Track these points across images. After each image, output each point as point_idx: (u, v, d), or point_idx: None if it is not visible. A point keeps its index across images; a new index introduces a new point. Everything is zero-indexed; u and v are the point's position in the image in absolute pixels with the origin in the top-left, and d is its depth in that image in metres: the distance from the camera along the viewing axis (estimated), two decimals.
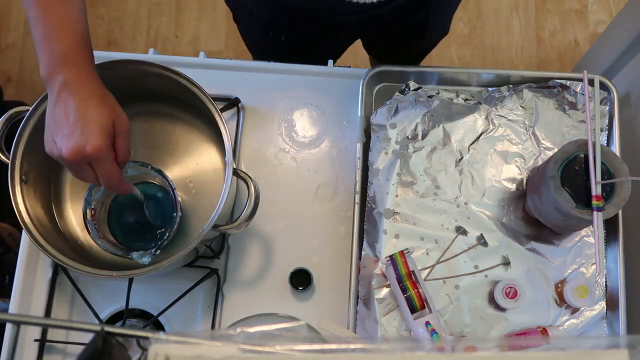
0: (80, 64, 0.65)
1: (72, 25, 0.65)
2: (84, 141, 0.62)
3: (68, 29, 0.65)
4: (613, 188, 0.73)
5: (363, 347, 0.39)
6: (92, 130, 0.63)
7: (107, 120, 0.64)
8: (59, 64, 0.64)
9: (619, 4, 1.90)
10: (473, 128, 0.86)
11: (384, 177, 0.84)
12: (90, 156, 0.63)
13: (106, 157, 0.64)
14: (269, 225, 0.87)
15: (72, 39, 0.65)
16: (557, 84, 0.87)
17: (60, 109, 0.64)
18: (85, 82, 0.65)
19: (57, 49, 0.64)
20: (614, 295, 0.80)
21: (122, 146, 0.67)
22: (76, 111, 0.63)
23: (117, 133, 0.66)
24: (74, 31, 0.65)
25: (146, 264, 0.74)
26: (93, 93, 0.65)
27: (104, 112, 0.64)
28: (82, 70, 0.65)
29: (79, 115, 0.63)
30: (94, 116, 0.63)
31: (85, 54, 0.66)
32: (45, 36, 0.64)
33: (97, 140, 0.63)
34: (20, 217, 0.75)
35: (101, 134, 0.63)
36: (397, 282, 0.76)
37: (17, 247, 0.87)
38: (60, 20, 0.64)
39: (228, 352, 0.38)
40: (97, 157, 0.63)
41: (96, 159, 0.64)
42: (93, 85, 0.66)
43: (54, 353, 0.83)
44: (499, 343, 0.55)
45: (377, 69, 0.88)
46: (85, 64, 0.66)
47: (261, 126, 0.91)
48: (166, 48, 1.89)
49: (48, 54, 0.64)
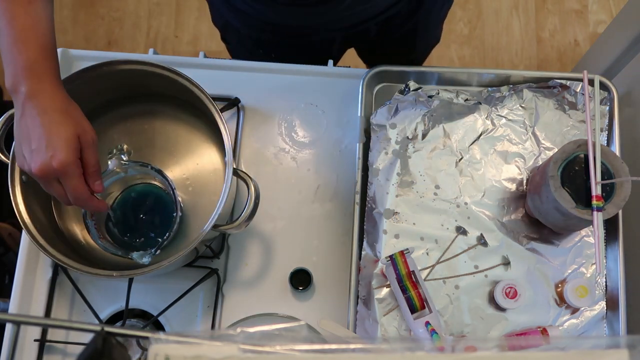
0: (44, 75, 0.64)
1: (36, 36, 0.64)
2: (49, 156, 0.62)
3: (32, 41, 0.64)
4: (613, 188, 0.73)
5: (363, 347, 0.39)
6: (57, 145, 0.62)
7: (71, 134, 0.63)
8: (22, 76, 0.63)
9: (619, 4, 1.91)
10: (473, 128, 0.86)
11: (384, 177, 0.84)
12: (56, 171, 0.62)
13: (73, 172, 0.63)
14: (269, 225, 0.87)
15: (36, 50, 0.64)
16: (557, 84, 0.87)
17: (24, 123, 0.63)
18: (48, 94, 0.64)
19: (21, 60, 0.63)
20: (614, 295, 0.80)
21: (89, 158, 0.66)
22: (40, 126, 0.62)
23: (84, 146, 0.65)
24: (38, 42, 0.64)
25: (146, 264, 0.74)
26: (56, 107, 0.64)
27: (68, 126, 0.63)
28: (45, 82, 0.64)
29: (43, 129, 0.62)
30: (59, 131, 0.63)
31: (49, 64, 0.65)
32: (9, 47, 0.63)
33: (62, 155, 0.62)
34: (20, 217, 0.75)
35: (66, 149, 0.62)
36: (397, 282, 0.76)
37: (17, 247, 0.87)
38: (25, 32, 0.63)
39: (228, 352, 0.38)
40: (63, 172, 0.63)
41: (62, 174, 0.63)
42: (57, 97, 0.65)
43: (54, 353, 0.83)
44: (499, 343, 0.55)
45: (377, 69, 0.88)
46: (49, 76, 0.65)
47: (261, 126, 0.91)
48: (166, 48, 1.89)
49: (12, 66, 0.63)
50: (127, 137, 0.85)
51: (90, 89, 0.79)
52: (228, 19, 0.96)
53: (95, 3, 1.91)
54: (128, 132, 0.86)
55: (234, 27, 0.96)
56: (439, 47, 1.18)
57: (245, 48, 1.01)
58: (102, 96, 0.83)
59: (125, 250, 0.78)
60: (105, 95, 0.84)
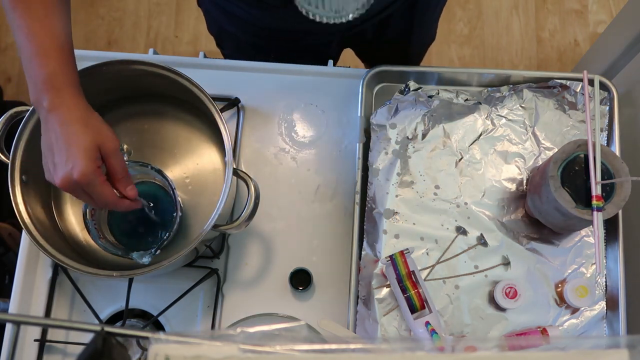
0: (64, 87, 0.65)
1: (54, 49, 0.64)
2: (70, 168, 0.63)
3: (50, 54, 0.64)
4: (613, 188, 0.73)
5: (363, 347, 0.39)
6: (76, 156, 0.63)
7: (91, 144, 0.64)
8: (42, 90, 0.64)
9: (619, 4, 1.91)
10: (473, 128, 0.86)
11: (384, 177, 0.84)
12: (78, 183, 0.63)
13: (94, 181, 0.64)
14: (269, 225, 0.87)
15: (54, 64, 0.64)
16: (557, 84, 0.87)
17: (48, 136, 0.65)
18: (67, 107, 0.65)
19: (40, 74, 0.64)
20: (614, 295, 0.80)
21: (115, 166, 0.67)
22: (60, 138, 0.63)
23: (106, 155, 0.66)
24: (56, 55, 0.65)
25: (146, 264, 0.74)
26: (77, 118, 0.65)
27: (87, 135, 0.64)
28: (65, 94, 0.65)
29: (62, 142, 0.63)
30: (78, 142, 0.63)
31: (68, 76, 0.65)
32: (29, 62, 0.64)
33: (81, 166, 0.62)
34: (20, 217, 0.75)
35: (85, 160, 0.63)
36: (397, 282, 0.76)
37: (17, 247, 0.87)
38: (43, 46, 0.64)
39: (228, 352, 0.38)
40: (84, 182, 0.63)
41: (85, 184, 0.64)
42: (76, 109, 0.65)
43: (54, 353, 0.83)
44: (499, 343, 0.55)
45: (377, 69, 0.88)
46: (69, 87, 0.65)
47: (261, 126, 0.91)
48: (166, 48, 1.89)
49: (33, 80, 0.64)
50: (127, 137, 0.86)
51: (90, 89, 0.79)
52: (223, 25, 0.96)
53: (95, 3, 1.91)
54: (128, 132, 0.86)
55: (230, 32, 0.96)
56: (439, 46, 1.18)
57: (242, 53, 1.01)
58: (101, 96, 0.83)
59: (125, 250, 0.78)
60: (105, 95, 0.83)
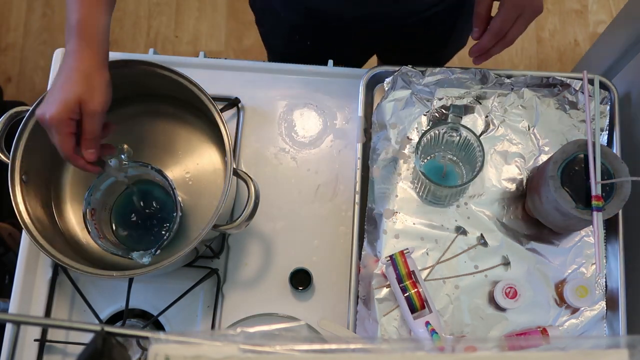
0: (86, 37, 0.67)
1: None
2: (45, 109, 0.66)
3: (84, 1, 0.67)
4: (613, 188, 0.73)
5: (363, 347, 0.39)
6: (55, 101, 0.65)
7: (73, 97, 0.66)
8: (69, 33, 0.68)
9: (619, 4, 1.90)
10: (473, 128, 0.86)
11: (383, 177, 0.84)
12: (45, 123, 0.66)
13: (59, 129, 0.66)
14: (269, 225, 0.87)
15: (85, 11, 0.67)
16: (558, 82, 0.86)
17: (57, 75, 0.68)
18: (81, 55, 0.67)
19: (71, 19, 0.67)
20: (614, 295, 0.80)
21: (86, 126, 0.68)
22: (59, 80, 0.67)
23: (83, 113, 0.67)
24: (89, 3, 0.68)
25: (146, 264, 0.74)
26: (80, 69, 0.67)
27: (74, 88, 0.66)
28: (83, 43, 0.67)
29: (58, 84, 0.67)
30: (64, 89, 0.66)
31: (93, 27, 0.68)
32: (68, 4, 0.68)
33: (52, 111, 0.65)
34: (20, 217, 0.75)
35: (59, 107, 0.65)
36: (397, 282, 0.76)
37: (17, 247, 0.87)
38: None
39: (228, 352, 0.38)
40: (49, 126, 0.66)
41: (49, 128, 0.66)
42: (86, 60, 0.67)
43: (54, 353, 0.83)
44: (499, 343, 0.55)
45: (377, 69, 0.88)
46: (91, 36, 0.68)
47: (261, 126, 0.91)
48: (166, 48, 1.89)
49: (67, 22, 0.68)
50: (127, 137, 0.85)
51: None
52: (269, 0, 0.96)
53: None
54: (128, 132, 0.86)
55: (274, 10, 0.96)
56: None
57: (281, 33, 1.01)
58: None
59: (125, 250, 0.78)
60: None
